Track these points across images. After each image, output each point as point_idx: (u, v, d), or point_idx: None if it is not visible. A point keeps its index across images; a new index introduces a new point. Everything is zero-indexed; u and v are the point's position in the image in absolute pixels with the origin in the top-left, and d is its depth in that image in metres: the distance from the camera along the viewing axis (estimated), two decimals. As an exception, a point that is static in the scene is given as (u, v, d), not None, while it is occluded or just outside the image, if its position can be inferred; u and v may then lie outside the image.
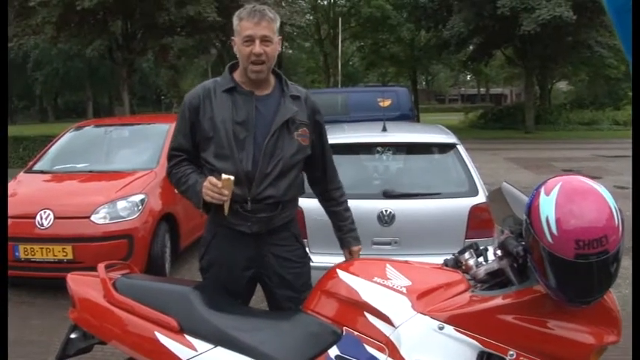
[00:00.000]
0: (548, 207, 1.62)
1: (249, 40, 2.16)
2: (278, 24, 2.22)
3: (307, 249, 2.46)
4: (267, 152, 2.17)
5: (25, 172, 5.70)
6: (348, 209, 2.49)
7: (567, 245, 1.57)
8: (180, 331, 1.95)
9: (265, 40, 2.16)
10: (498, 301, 1.78)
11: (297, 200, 2.36)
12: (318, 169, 2.41)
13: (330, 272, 2.05)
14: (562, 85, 44.79)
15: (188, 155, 2.28)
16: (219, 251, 2.27)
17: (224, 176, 2.08)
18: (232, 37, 2.26)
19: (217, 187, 2.07)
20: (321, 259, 2.77)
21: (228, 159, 2.16)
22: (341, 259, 2.45)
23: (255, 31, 2.15)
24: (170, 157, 2.32)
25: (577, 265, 1.57)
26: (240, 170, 2.14)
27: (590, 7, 20.24)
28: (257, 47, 2.15)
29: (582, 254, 1.56)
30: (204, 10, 15.46)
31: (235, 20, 2.22)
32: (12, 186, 5.32)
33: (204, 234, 2.35)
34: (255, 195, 2.16)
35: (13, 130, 14.81)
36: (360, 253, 2.49)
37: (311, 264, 2.42)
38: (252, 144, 2.16)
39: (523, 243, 1.75)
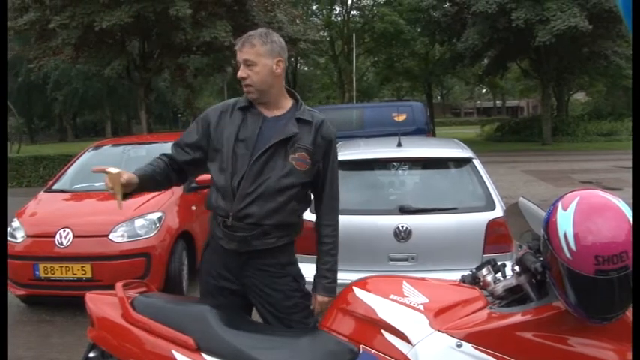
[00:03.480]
0: (565, 222, 1.60)
1: (238, 64, 2.25)
2: (268, 48, 2.21)
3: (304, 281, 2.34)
4: (254, 170, 2.18)
5: (45, 191, 5.78)
6: (331, 253, 2.31)
7: (586, 261, 1.55)
8: (198, 349, 1.95)
9: (248, 64, 2.21)
10: (517, 317, 1.76)
11: (287, 229, 2.24)
12: (316, 199, 2.35)
13: (346, 289, 2.04)
14: (580, 97, 44.45)
15: (177, 154, 2.34)
16: (207, 261, 2.34)
17: (108, 169, 2.09)
18: None
19: (107, 181, 2.10)
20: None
21: (223, 172, 2.21)
22: (357, 275, 2.43)
23: (239, 56, 2.23)
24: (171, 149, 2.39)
25: (597, 280, 1.55)
26: (227, 185, 2.19)
27: (606, 17, 20.13)
28: (240, 71, 2.23)
29: (602, 270, 1.54)
30: (219, 34, 15.70)
31: None
32: (32, 205, 5.41)
33: None
34: (236, 212, 2.18)
35: (33, 150, 15.09)
36: (377, 269, 2.46)
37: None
38: (247, 162, 2.19)
39: (541, 259, 1.73)
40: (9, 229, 4.99)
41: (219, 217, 2.22)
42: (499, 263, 1.99)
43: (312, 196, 2.36)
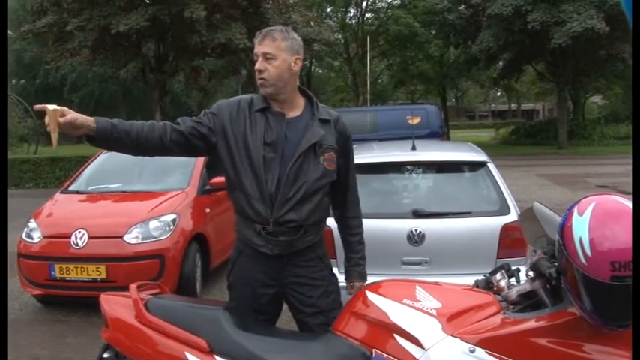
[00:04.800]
0: (581, 228, 1.58)
1: (256, 57, 2.23)
2: (288, 44, 2.21)
3: (336, 269, 2.44)
4: (291, 176, 2.17)
5: (61, 192, 5.84)
6: (361, 242, 2.44)
7: (602, 267, 1.53)
8: (210, 352, 1.95)
9: (267, 57, 2.19)
10: (531, 323, 1.74)
11: (322, 224, 2.33)
12: (340, 195, 2.39)
13: (359, 293, 2.04)
14: (596, 100, 44.01)
15: (183, 122, 2.20)
16: (243, 269, 2.29)
17: (48, 106, 2.03)
18: None
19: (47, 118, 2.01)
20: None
21: (255, 178, 2.17)
22: (371, 279, 2.42)
23: (258, 49, 2.21)
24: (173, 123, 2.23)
25: (613, 287, 1.53)
26: (263, 191, 2.16)
27: (623, 19, 19.80)
28: (257, 63, 2.21)
29: (618, 276, 1.52)
30: (234, 36, 15.83)
31: None
32: (49, 206, 5.47)
33: (231, 252, 2.38)
34: (277, 218, 2.16)
35: (49, 151, 15.26)
36: (390, 273, 2.46)
37: (339, 284, 2.40)
38: (277, 166, 2.17)
39: (556, 264, 1.71)
40: (26, 229, 5.06)
41: (257, 224, 2.18)
42: (513, 268, 1.97)
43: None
